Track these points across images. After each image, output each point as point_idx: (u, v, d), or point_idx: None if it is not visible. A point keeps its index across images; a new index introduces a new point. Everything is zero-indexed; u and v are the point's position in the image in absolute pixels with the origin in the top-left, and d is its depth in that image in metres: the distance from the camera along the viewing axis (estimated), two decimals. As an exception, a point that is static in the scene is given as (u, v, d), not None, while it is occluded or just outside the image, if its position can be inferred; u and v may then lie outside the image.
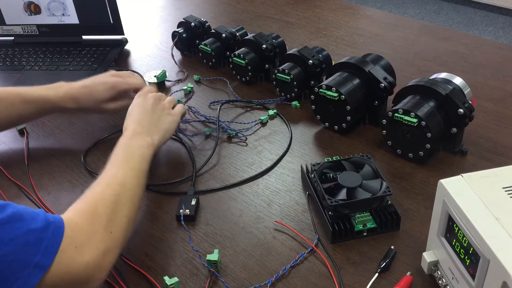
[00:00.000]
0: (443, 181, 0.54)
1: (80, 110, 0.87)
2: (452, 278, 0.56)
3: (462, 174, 0.55)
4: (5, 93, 0.83)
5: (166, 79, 1.11)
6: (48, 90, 0.85)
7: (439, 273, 0.59)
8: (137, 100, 0.82)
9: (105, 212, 0.60)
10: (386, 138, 0.84)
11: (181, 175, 0.83)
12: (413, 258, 0.66)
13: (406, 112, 0.78)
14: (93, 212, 0.59)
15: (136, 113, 0.79)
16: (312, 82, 0.99)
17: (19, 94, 0.84)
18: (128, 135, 0.74)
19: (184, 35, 1.19)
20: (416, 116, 0.77)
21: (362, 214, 0.69)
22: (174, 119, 0.82)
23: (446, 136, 0.81)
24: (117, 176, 0.66)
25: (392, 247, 0.67)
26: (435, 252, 0.60)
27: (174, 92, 1.07)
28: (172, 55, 1.17)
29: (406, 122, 0.78)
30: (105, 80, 0.87)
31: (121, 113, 0.84)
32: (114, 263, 0.59)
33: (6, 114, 0.83)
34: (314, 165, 0.75)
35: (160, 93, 0.85)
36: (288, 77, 0.97)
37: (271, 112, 0.98)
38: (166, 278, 0.64)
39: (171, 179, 0.82)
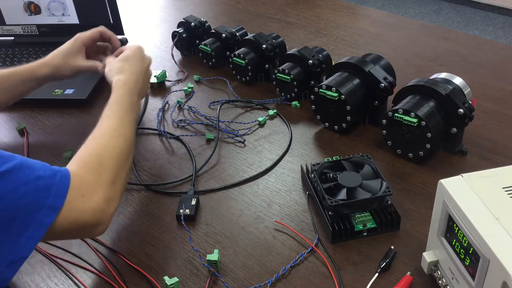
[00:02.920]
0: (443, 181, 0.54)
1: (56, 73, 0.90)
2: (452, 278, 0.56)
3: (462, 174, 0.55)
4: None
5: (166, 79, 1.11)
6: (28, 64, 0.90)
7: (439, 273, 0.59)
8: (136, 53, 0.86)
9: (110, 165, 0.64)
10: (386, 138, 0.84)
11: (181, 175, 0.83)
12: (413, 258, 0.66)
13: (406, 112, 0.78)
14: (99, 165, 0.63)
15: (135, 67, 0.83)
16: (312, 82, 0.99)
17: (0, 73, 0.87)
18: (123, 88, 0.77)
19: (184, 35, 1.19)
20: (416, 116, 0.77)
21: (362, 214, 0.69)
22: (148, 88, 0.90)
23: (446, 136, 0.81)
24: (119, 129, 0.70)
25: (392, 247, 0.67)
26: (435, 252, 0.60)
27: (174, 92, 1.07)
28: (172, 55, 1.17)
29: (406, 122, 0.78)
30: (70, 40, 0.94)
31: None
32: (117, 208, 0.64)
33: None
34: (314, 165, 0.75)
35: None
36: (288, 77, 0.97)
37: (271, 112, 0.98)
38: (166, 278, 0.64)
39: (171, 179, 0.82)
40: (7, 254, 0.51)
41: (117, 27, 1.21)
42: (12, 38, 1.26)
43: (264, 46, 1.04)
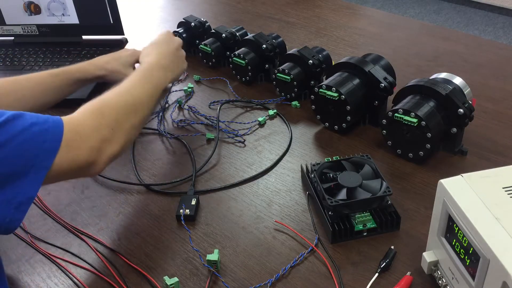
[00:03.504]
0: (443, 181, 0.54)
1: (109, 77, 0.93)
2: (452, 278, 0.56)
3: (462, 174, 0.55)
4: (37, 75, 0.89)
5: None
6: (77, 64, 0.93)
7: (439, 273, 0.59)
8: (164, 37, 0.91)
9: (111, 113, 0.66)
10: (386, 138, 0.84)
11: (181, 175, 0.83)
12: (413, 258, 0.66)
13: (406, 112, 0.78)
14: (99, 112, 0.65)
15: (162, 48, 0.88)
16: (312, 82, 0.99)
17: (49, 72, 0.90)
18: (151, 64, 0.82)
19: (184, 35, 1.19)
20: (416, 116, 0.77)
21: (362, 214, 0.69)
22: (184, 67, 0.92)
23: (446, 136, 0.81)
24: (128, 90, 0.72)
25: (392, 247, 0.67)
26: (435, 252, 0.60)
27: (174, 91, 1.07)
28: (172, 55, 1.17)
29: (406, 122, 0.78)
30: (126, 49, 0.98)
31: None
32: (115, 158, 0.65)
33: (43, 92, 0.89)
34: (314, 165, 0.75)
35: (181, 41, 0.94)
36: (288, 77, 0.97)
37: (271, 112, 0.98)
38: (166, 278, 0.64)
39: (171, 179, 0.82)
40: (14, 197, 0.53)
41: (117, 27, 1.21)
42: (12, 38, 1.26)
43: (264, 46, 1.04)
